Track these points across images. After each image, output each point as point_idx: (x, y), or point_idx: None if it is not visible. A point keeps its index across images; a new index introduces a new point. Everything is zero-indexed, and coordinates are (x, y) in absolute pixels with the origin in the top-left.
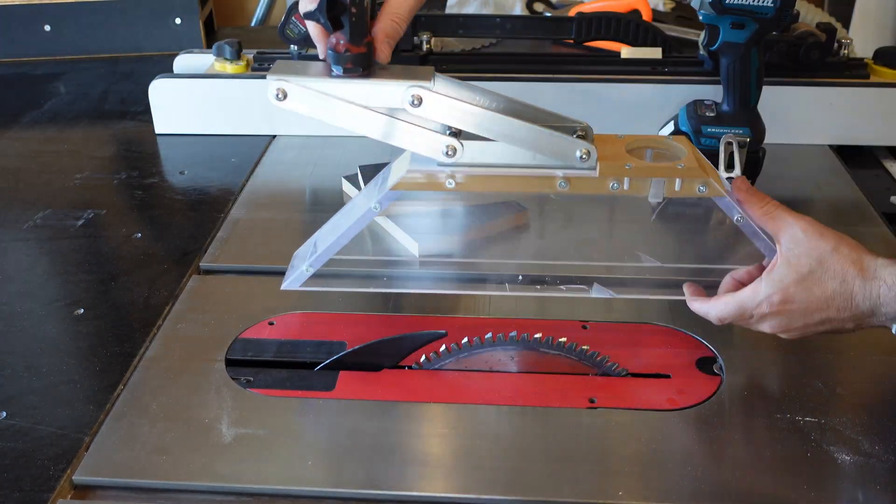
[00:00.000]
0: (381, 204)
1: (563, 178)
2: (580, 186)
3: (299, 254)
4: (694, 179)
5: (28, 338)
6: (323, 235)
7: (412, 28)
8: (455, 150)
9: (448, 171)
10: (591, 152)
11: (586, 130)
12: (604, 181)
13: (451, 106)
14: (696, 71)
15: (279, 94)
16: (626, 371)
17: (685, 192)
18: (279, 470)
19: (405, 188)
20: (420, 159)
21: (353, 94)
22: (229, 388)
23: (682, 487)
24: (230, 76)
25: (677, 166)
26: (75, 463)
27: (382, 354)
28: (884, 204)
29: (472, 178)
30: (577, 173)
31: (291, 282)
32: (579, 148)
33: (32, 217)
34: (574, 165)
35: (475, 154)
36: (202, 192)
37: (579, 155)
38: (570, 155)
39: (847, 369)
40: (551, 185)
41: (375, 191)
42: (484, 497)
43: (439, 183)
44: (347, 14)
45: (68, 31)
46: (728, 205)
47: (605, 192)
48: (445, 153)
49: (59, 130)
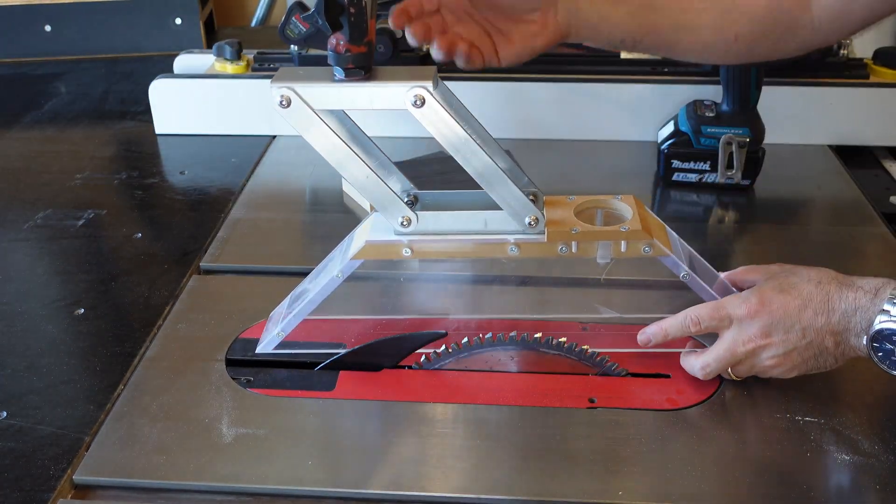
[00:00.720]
0: (343, 273)
1: (514, 244)
2: (530, 251)
3: (273, 315)
4: (639, 241)
5: (28, 338)
6: (293, 299)
7: None
8: (410, 221)
9: (405, 240)
10: (539, 219)
11: (537, 195)
12: (553, 245)
13: (444, 120)
14: (696, 71)
15: (283, 101)
16: (625, 371)
17: (631, 253)
18: (279, 470)
19: (364, 257)
20: (380, 225)
21: (357, 97)
22: (229, 388)
23: (682, 487)
24: (230, 76)
25: (621, 229)
26: (76, 463)
27: (382, 354)
28: (884, 204)
29: (428, 245)
30: (526, 238)
31: (265, 345)
32: (528, 215)
33: (33, 217)
34: (524, 231)
35: (429, 223)
36: (202, 192)
37: (528, 221)
38: (520, 219)
39: (847, 369)
40: (503, 250)
41: (339, 259)
42: (484, 497)
43: (397, 252)
44: (346, 14)
45: (68, 32)
46: (673, 263)
47: (555, 256)
48: (401, 223)
49: (60, 130)
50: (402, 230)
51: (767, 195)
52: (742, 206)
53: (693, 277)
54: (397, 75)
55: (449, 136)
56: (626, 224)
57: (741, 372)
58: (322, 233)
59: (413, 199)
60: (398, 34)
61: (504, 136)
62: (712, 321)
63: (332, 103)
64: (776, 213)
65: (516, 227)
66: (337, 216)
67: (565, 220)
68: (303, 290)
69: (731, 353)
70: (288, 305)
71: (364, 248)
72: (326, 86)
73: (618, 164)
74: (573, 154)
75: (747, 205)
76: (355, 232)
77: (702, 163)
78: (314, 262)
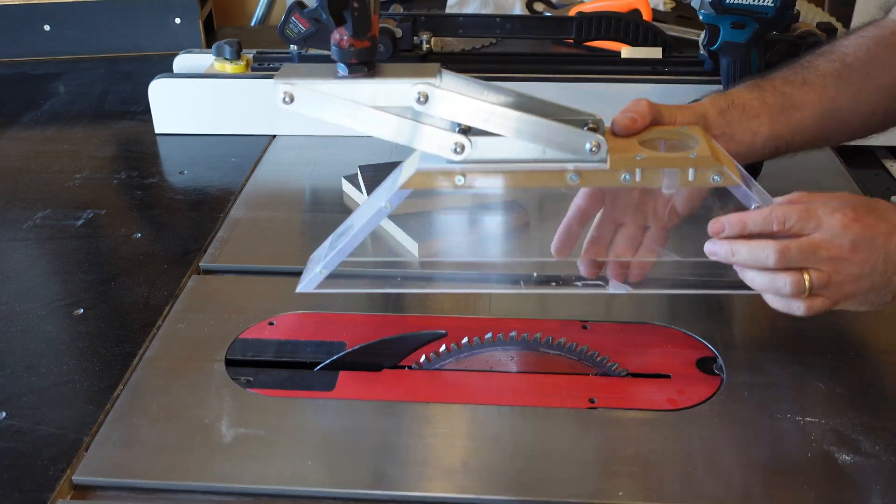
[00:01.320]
0: (391, 203)
1: (574, 172)
2: (591, 179)
3: (314, 257)
4: (707, 169)
5: (28, 338)
6: (336, 237)
7: (412, 28)
8: (463, 147)
9: (458, 168)
10: (601, 145)
11: (598, 123)
12: (615, 173)
13: (459, 102)
14: (696, 71)
15: (286, 98)
16: (625, 371)
17: (699, 182)
18: (279, 470)
19: (415, 186)
20: (429, 157)
21: (359, 94)
22: (229, 388)
23: (682, 487)
24: (230, 76)
25: (690, 156)
26: (75, 463)
27: (382, 354)
28: None
29: (482, 174)
30: (587, 166)
31: (306, 284)
32: (589, 140)
33: (32, 217)
34: (585, 158)
35: (484, 150)
36: (202, 192)
37: (589, 148)
38: (580, 148)
39: (847, 369)
40: (562, 179)
41: (387, 190)
42: (484, 497)
43: (450, 180)
44: (350, 9)
45: (68, 31)
46: (744, 193)
47: (617, 185)
48: (454, 150)
49: (59, 130)
50: (455, 157)
51: None
52: (743, 206)
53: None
54: (401, 72)
55: (472, 113)
56: (694, 151)
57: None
58: (322, 233)
59: (466, 128)
60: (398, 33)
61: None
62: (799, 222)
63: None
64: None
65: (577, 156)
66: (337, 216)
67: (629, 148)
68: (347, 226)
69: (814, 250)
70: (330, 245)
71: (415, 176)
72: (329, 82)
73: None
74: None
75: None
76: (403, 165)
77: None
78: None
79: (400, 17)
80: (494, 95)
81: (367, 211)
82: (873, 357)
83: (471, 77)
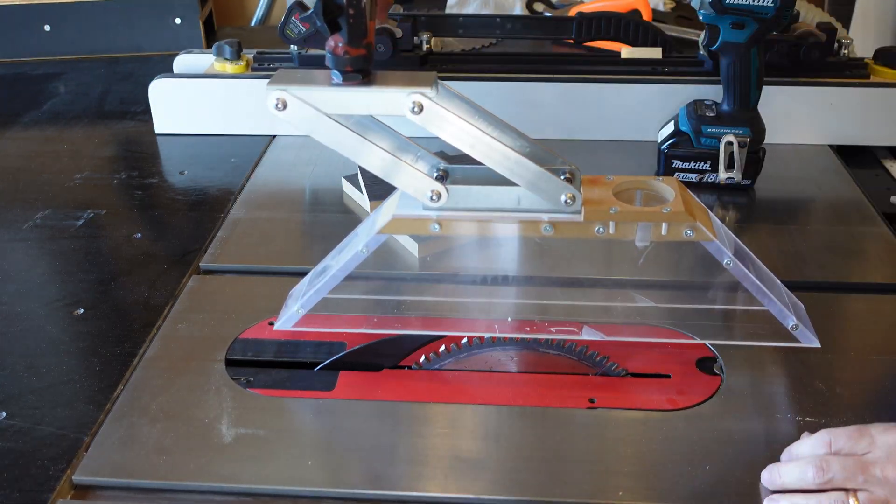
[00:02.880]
0: (368, 247)
1: (549, 223)
2: (565, 231)
3: (294, 293)
4: (680, 224)
5: (28, 338)
6: (314, 275)
7: (412, 28)
8: (440, 195)
9: (433, 215)
10: (576, 197)
11: (573, 173)
12: (589, 226)
13: (450, 120)
14: (696, 71)
15: (279, 104)
16: (625, 371)
17: (672, 237)
18: (279, 470)
19: (391, 232)
20: (408, 201)
21: (353, 103)
22: (229, 388)
23: (682, 487)
24: (230, 76)
25: (663, 210)
26: (75, 463)
27: (382, 354)
28: (884, 204)
29: (457, 221)
30: (562, 217)
31: (285, 321)
32: (564, 192)
33: (32, 217)
34: (559, 209)
35: (460, 198)
36: (202, 192)
37: (564, 199)
38: (555, 199)
39: (847, 369)
40: (536, 229)
41: (365, 233)
42: (484, 497)
43: (425, 227)
44: (345, 16)
45: (68, 31)
46: (717, 248)
47: (591, 237)
48: (430, 198)
49: (59, 130)
50: (432, 204)
51: (767, 195)
52: (742, 206)
53: (737, 265)
54: (396, 80)
55: (459, 135)
56: (668, 205)
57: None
58: (322, 233)
59: (443, 173)
60: (398, 33)
61: None
62: (850, 441)
63: (328, 108)
64: (776, 213)
65: (551, 206)
66: (337, 216)
67: (603, 200)
68: (325, 266)
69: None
70: (309, 282)
71: (391, 222)
72: (323, 90)
73: (618, 164)
74: (573, 154)
75: (747, 205)
76: (382, 206)
77: (702, 163)
78: (314, 262)
79: (400, 17)
80: (484, 123)
81: (345, 254)
82: (873, 357)
83: (466, 97)
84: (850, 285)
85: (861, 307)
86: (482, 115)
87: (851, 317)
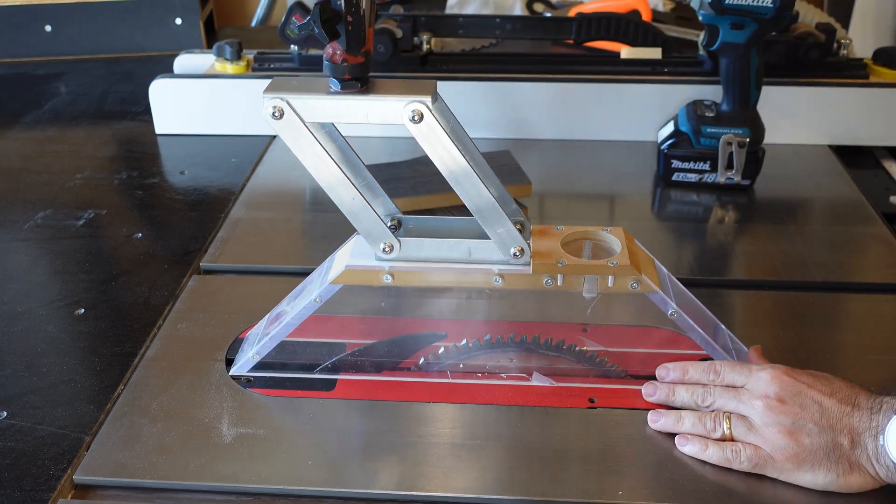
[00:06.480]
0: (321, 297)
1: (498, 274)
2: (514, 282)
3: (250, 336)
4: (626, 276)
5: (28, 338)
6: (269, 320)
7: (412, 28)
8: (392, 247)
9: (386, 266)
10: (524, 250)
11: (523, 224)
12: (538, 278)
13: (442, 141)
14: (696, 71)
15: (276, 113)
16: (625, 371)
17: (618, 288)
18: (279, 470)
19: (343, 282)
20: (361, 249)
21: (351, 111)
22: (229, 388)
23: (682, 487)
24: (230, 76)
25: (609, 263)
26: (76, 463)
27: (382, 355)
28: (883, 204)
29: (409, 273)
30: (511, 269)
31: (240, 367)
32: (514, 245)
33: (33, 217)
34: (508, 261)
35: (412, 250)
36: (202, 192)
37: (513, 252)
38: (506, 250)
39: (847, 369)
40: (486, 280)
41: (318, 282)
42: (484, 497)
43: (377, 279)
44: (343, 23)
45: (69, 32)
46: (661, 299)
47: (539, 288)
48: (383, 250)
49: (60, 130)
50: (384, 256)
51: (767, 195)
52: (742, 206)
53: (682, 315)
54: (395, 89)
55: (448, 162)
56: (615, 258)
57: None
58: (322, 233)
59: (396, 223)
60: (398, 34)
61: (504, 136)
62: (732, 373)
63: (326, 116)
64: (776, 213)
65: (501, 257)
66: (337, 216)
67: (552, 252)
68: (280, 311)
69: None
70: (265, 326)
71: (343, 273)
72: (320, 98)
73: (618, 164)
74: (573, 154)
75: (747, 205)
76: (336, 254)
77: (702, 163)
78: (314, 261)
79: (400, 17)
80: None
81: (300, 301)
82: (873, 357)
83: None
84: (849, 285)
85: (860, 307)
86: (466, 142)
87: (851, 317)
